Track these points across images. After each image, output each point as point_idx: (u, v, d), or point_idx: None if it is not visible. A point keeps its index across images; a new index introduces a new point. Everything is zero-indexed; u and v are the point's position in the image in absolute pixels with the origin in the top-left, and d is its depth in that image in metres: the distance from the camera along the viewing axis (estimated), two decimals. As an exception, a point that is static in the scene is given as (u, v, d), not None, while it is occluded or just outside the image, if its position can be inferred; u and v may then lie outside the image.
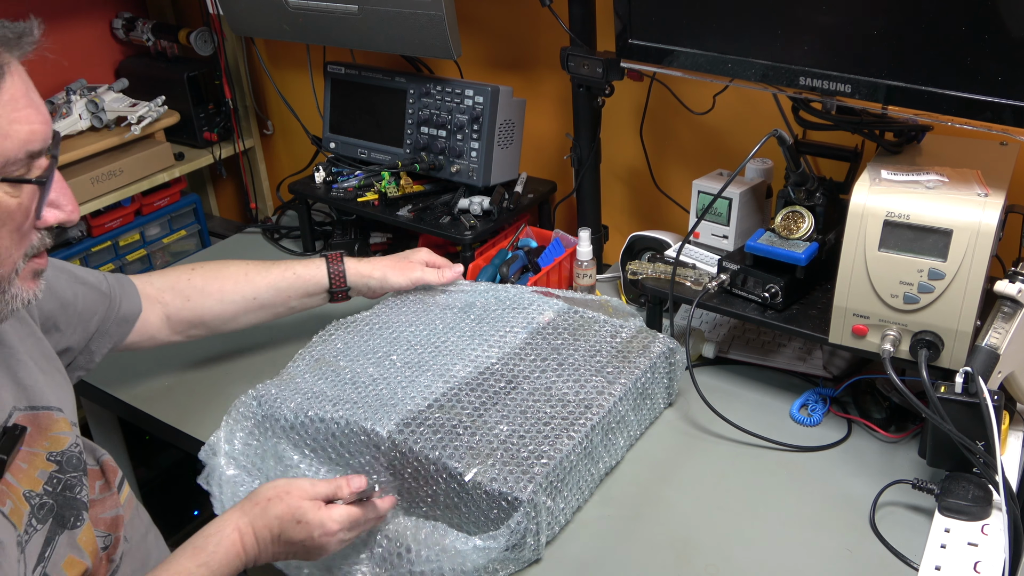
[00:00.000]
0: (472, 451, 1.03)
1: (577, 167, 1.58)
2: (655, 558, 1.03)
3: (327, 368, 1.22)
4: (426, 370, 1.18)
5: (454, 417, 1.09)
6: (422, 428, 1.07)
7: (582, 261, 1.53)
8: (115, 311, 1.16)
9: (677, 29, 1.21)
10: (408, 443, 1.04)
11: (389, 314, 1.33)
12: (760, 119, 1.43)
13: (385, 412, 1.09)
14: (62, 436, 0.94)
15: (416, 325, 1.30)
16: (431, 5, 1.45)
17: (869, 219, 1.04)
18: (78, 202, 0.86)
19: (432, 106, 1.64)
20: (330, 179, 1.74)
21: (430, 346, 1.24)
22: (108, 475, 1.03)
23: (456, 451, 1.03)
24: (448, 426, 1.07)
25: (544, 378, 1.17)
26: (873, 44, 1.04)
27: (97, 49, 2.11)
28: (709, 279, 1.28)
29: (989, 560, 0.95)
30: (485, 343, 1.24)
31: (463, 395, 1.13)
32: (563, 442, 1.05)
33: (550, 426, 1.08)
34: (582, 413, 1.10)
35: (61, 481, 0.91)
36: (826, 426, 1.22)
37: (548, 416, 1.09)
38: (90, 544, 0.92)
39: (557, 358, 1.20)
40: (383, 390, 1.15)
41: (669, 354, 1.23)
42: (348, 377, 1.19)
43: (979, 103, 0.98)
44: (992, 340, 1.03)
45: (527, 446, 1.04)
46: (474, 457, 1.02)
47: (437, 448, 1.03)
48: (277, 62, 2.10)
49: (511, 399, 1.12)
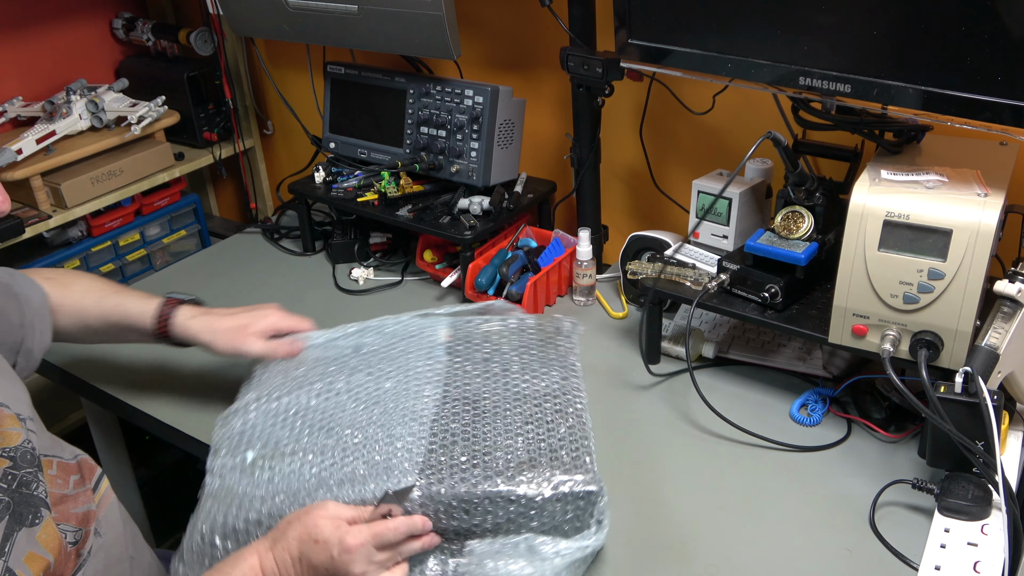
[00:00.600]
0: (513, 470, 0.96)
1: (577, 167, 1.58)
2: (655, 558, 1.03)
3: (278, 463, 1.03)
4: (385, 424, 1.05)
5: (461, 452, 1.00)
6: (443, 471, 0.97)
7: (582, 261, 1.53)
8: (27, 303, 1.17)
9: (677, 29, 1.21)
10: (446, 489, 0.94)
11: (280, 394, 1.13)
12: (760, 119, 1.43)
13: (393, 474, 0.98)
14: (12, 432, 0.93)
15: (321, 392, 1.12)
16: (431, 5, 1.45)
17: (869, 219, 1.04)
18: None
19: (432, 106, 1.64)
20: (330, 179, 1.74)
21: (362, 403, 1.09)
22: (84, 472, 1.03)
23: (501, 475, 0.95)
24: (465, 459, 0.98)
25: (502, 387, 1.10)
26: (873, 44, 1.04)
27: (97, 49, 2.11)
28: (709, 279, 1.28)
29: (989, 560, 0.95)
30: (414, 381, 1.12)
31: (446, 432, 1.03)
32: (578, 429, 1.02)
33: (553, 421, 1.05)
34: (568, 401, 1.07)
35: (16, 477, 0.90)
36: (826, 426, 1.22)
37: (541, 414, 1.06)
38: (52, 541, 0.91)
39: (496, 366, 1.13)
40: (372, 456, 1.01)
41: (573, 328, 1.21)
42: (314, 461, 1.02)
43: (979, 103, 0.98)
44: (992, 340, 1.03)
45: (554, 446, 1.00)
46: (525, 474, 0.95)
47: (481, 482, 0.95)
48: (277, 62, 2.10)
49: (492, 416, 1.06)
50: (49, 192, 1.81)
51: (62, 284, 1.24)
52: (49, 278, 1.24)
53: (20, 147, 1.74)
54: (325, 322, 1.34)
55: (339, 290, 1.69)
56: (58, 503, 0.95)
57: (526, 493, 0.93)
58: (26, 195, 1.80)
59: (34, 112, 1.90)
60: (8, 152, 1.71)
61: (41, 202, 1.80)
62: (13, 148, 1.73)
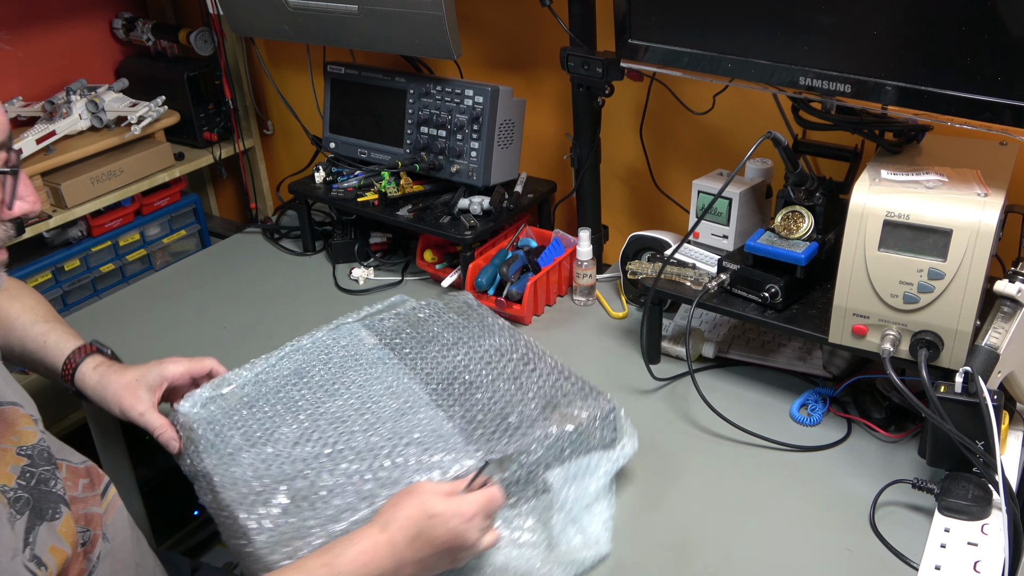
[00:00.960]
0: (545, 414, 1.07)
1: (577, 167, 1.58)
2: (655, 558, 1.03)
3: (319, 501, 0.99)
4: (403, 432, 1.07)
5: (490, 421, 1.07)
6: (494, 439, 1.03)
7: (582, 261, 1.53)
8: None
9: (677, 29, 1.21)
10: (513, 450, 1.01)
11: (263, 437, 1.08)
12: (760, 119, 1.43)
13: (456, 452, 1.02)
14: (29, 431, 0.94)
15: (311, 429, 1.09)
16: (431, 5, 1.45)
17: (869, 219, 1.04)
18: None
19: (432, 106, 1.64)
20: (330, 179, 1.74)
21: (360, 421, 1.09)
22: (93, 477, 1.04)
23: (538, 422, 1.05)
24: (499, 423, 1.06)
25: (466, 358, 1.19)
26: (873, 44, 1.04)
27: (97, 49, 2.11)
28: (709, 279, 1.28)
29: (989, 560, 0.95)
30: (387, 383, 1.15)
31: (458, 411, 1.09)
32: (558, 366, 1.15)
33: (534, 368, 1.15)
34: (529, 349, 1.19)
35: (34, 475, 0.91)
36: (826, 426, 1.22)
37: (518, 366, 1.15)
38: (71, 535, 0.92)
39: (442, 344, 1.22)
40: (422, 458, 1.03)
41: (475, 300, 1.35)
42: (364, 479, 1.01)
43: (979, 103, 0.98)
44: (992, 340, 1.03)
45: (555, 385, 1.12)
46: (555, 414, 1.07)
47: (529, 433, 1.04)
48: (277, 62, 2.10)
49: (481, 384, 1.13)
50: (49, 192, 1.81)
51: (9, 296, 1.18)
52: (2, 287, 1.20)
53: (20, 147, 1.75)
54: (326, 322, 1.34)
55: (339, 290, 1.69)
56: (71, 503, 0.96)
57: (567, 428, 1.04)
58: (26, 195, 1.80)
59: (34, 112, 1.90)
60: (8, 152, 1.71)
61: (41, 202, 1.80)
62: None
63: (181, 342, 1.54)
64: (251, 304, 1.66)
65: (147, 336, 1.57)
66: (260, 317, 1.60)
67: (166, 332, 1.58)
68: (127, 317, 1.65)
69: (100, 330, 1.59)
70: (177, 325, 1.60)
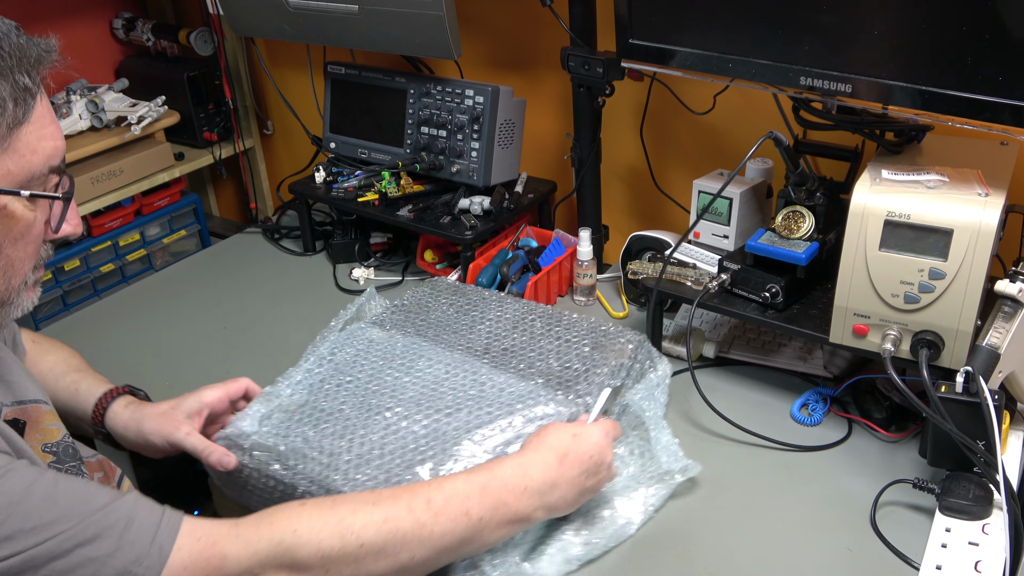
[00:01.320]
0: (601, 352, 1.20)
1: (577, 167, 1.58)
2: (655, 558, 1.03)
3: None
4: (483, 386, 1.14)
5: (558, 366, 1.18)
6: (572, 381, 1.15)
7: (582, 261, 1.53)
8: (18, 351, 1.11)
9: (677, 29, 1.21)
10: (610, 384, 1.14)
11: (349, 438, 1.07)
12: (760, 119, 1.43)
13: (553, 403, 1.10)
14: (53, 428, 0.95)
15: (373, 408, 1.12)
16: (431, 5, 1.45)
17: (870, 219, 1.04)
18: (78, 202, 0.88)
19: (432, 106, 1.64)
20: (330, 179, 1.74)
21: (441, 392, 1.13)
22: (107, 470, 1.04)
23: (601, 366, 1.17)
24: (563, 369, 1.17)
25: (502, 331, 1.27)
26: (873, 44, 1.04)
27: (97, 49, 2.11)
28: (709, 279, 1.28)
29: (990, 559, 0.95)
30: (438, 365, 1.18)
31: (525, 368, 1.18)
32: (595, 318, 1.29)
33: (576, 318, 1.28)
34: (555, 312, 1.31)
35: (60, 472, 0.91)
36: (826, 426, 1.22)
37: (557, 321, 1.28)
38: None
39: (479, 324, 1.29)
40: (512, 401, 1.11)
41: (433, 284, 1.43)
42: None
43: (979, 103, 0.98)
44: (993, 340, 1.03)
45: (602, 328, 1.25)
46: (608, 350, 1.20)
47: (600, 372, 1.16)
48: (277, 62, 2.10)
49: (533, 346, 1.23)
50: (49, 192, 1.81)
51: (41, 351, 1.17)
52: (35, 341, 1.18)
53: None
54: (327, 322, 1.34)
55: (339, 290, 1.69)
56: None
57: (624, 361, 1.18)
58: (26, 195, 1.80)
59: (34, 112, 1.90)
60: (8, 152, 1.71)
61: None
62: (13, 148, 1.72)
63: (181, 342, 1.54)
64: (251, 304, 1.66)
65: (147, 336, 1.57)
66: (260, 317, 1.60)
67: (166, 332, 1.58)
68: (127, 317, 1.65)
69: (100, 330, 1.59)
70: (177, 325, 1.60)
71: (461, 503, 0.89)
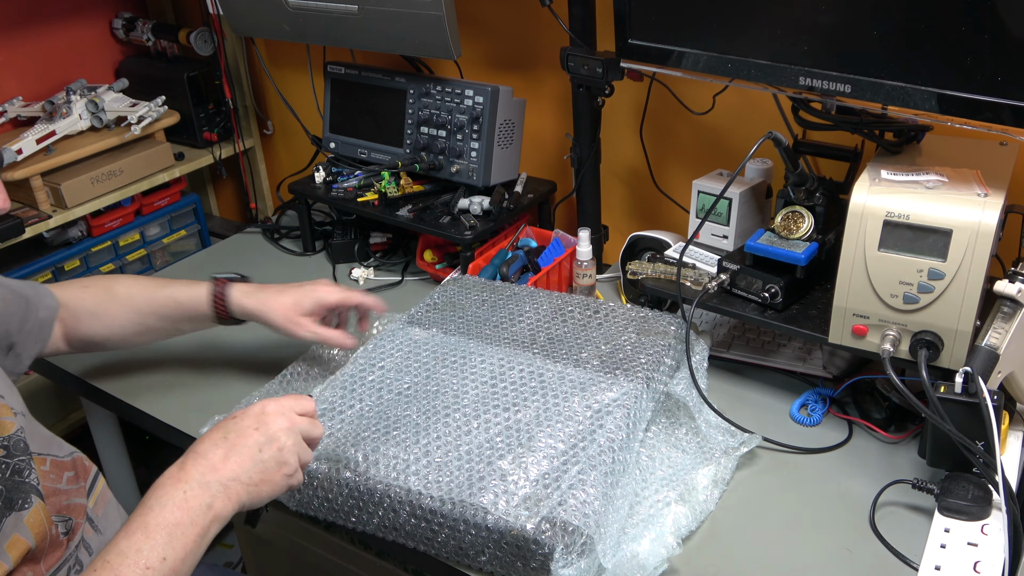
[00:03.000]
0: (647, 335, 1.26)
1: (577, 167, 1.58)
2: (655, 558, 1.03)
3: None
4: (543, 378, 1.17)
5: (609, 351, 1.22)
6: (627, 366, 1.19)
7: (582, 261, 1.53)
8: (34, 313, 1.17)
9: (677, 29, 1.21)
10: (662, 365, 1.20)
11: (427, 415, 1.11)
12: (760, 119, 1.43)
13: (615, 388, 1.14)
14: (7, 421, 0.95)
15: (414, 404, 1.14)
16: (431, 5, 1.45)
17: (869, 219, 1.04)
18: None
19: (432, 106, 1.64)
20: (330, 179, 1.74)
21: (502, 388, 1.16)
22: (79, 469, 1.04)
23: (649, 343, 1.24)
24: (614, 353, 1.22)
25: (543, 322, 1.30)
26: (873, 44, 1.04)
27: (97, 49, 2.11)
28: (709, 279, 1.28)
29: (989, 560, 0.95)
30: (491, 360, 1.21)
31: (577, 356, 1.21)
32: (628, 304, 1.38)
33: (612, 307, 1.33)
34: (591, 302, 1.36)
35: (9, 466, 0.92)
36: (826, 426, 1.22)
37: (596, 310, 1.32)
38: (38, 526, 0.92)
39: (519, 317, 1.33)
40: (572, 391, 1.15)
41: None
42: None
43: (979, 103, 0.98)
44: (992, 340, 1.03)
45: (641, 314, 1.31)
46: (653, 334, 1.26)
47: (650, 354, 1.21)
48: (277, 62, 2.10)
49: (579, 335, 1.26)
50: (49, 192, 1.81)
51: (104, 288, 1.25)
52: (86, 286, 1.25)
53: (20, 147, 1.75)
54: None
55: (339, 290, 1.69)
56: (49, 496, 0.96)
57: (671, 341, 1.25)
58: (26, 195, 1.80)
59: (34, 112, 1.90)
60: (8, 152, 1.72)
61: (41, 202, 1.80)
62: (13, 148, 1.73)
63: (180, 342, 1.54)
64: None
65: (147, 336, 1.57)
66: (260, 317, 1.60)
67: (166, 332, 1.58)
68: (127, 317, 1.64)
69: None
70: (177, 325, 1.60)
71: (134, 560, 0.80)
